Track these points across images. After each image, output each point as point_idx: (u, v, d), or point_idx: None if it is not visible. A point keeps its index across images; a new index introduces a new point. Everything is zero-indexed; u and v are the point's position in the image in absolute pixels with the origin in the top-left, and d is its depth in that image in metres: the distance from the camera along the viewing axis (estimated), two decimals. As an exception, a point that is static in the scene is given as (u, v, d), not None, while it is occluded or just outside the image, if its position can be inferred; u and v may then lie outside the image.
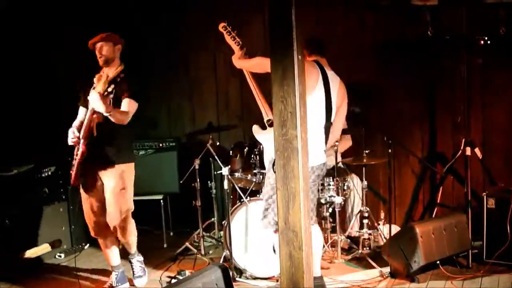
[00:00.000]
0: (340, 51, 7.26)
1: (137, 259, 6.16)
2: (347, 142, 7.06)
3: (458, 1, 6.55)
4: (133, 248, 6.10)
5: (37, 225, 6.94)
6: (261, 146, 6.19)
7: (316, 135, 5.18)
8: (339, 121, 5.60)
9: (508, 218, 6.00)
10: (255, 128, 5.73)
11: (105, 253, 6.12)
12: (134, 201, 7.27)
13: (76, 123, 5.79)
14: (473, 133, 6.67)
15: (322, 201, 6.56)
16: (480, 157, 6.59)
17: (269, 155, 5.50)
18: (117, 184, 5.73)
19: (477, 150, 6.47)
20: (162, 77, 8.35)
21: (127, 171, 5.80)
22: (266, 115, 5.67)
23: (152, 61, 8.25)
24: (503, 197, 6.16)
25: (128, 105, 5.62)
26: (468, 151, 6.33)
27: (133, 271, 6.15)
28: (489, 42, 6.34)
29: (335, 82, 5.41)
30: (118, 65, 5.79)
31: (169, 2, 8.12)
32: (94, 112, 5.53)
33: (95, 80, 5.73)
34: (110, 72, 5.71)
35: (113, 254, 6.11)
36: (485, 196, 6.19)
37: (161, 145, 7.81)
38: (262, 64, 5.42)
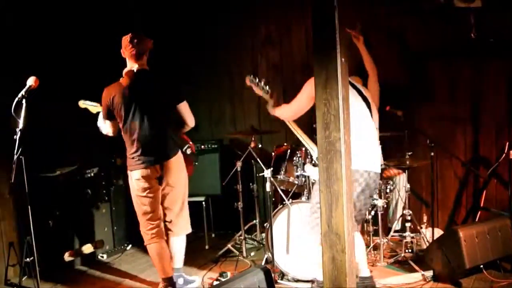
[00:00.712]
0: (383, 54, 7.25)
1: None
2: None
3: (503, 3, 6.49)
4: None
5: (80, 226, 7.03)
6: (303, 150, 6.28)
7: (362, 137, 5.16)
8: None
9: (553, 222, 5.95)
10: (308, 166, 5.89)
11: None
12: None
13: None
14: (517, 136, 6.62)
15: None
16: (525, 161, 6.53)
17: None
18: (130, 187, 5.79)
19: (521, 154, 6.42)
20: (203, 79, 8.39)
21: (131, 178, 5.69)
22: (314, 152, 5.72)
23: (193, 63, 8.29)
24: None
25: None
26: (512, 154, 6.29)
27: None
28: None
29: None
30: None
31: (212, 5, 8.16)
32: None
33: None
34: None
35: None
36: (529, 200, 6.14)
37: (203, 147, 7.84)
38: (284, 114, 5.61)
